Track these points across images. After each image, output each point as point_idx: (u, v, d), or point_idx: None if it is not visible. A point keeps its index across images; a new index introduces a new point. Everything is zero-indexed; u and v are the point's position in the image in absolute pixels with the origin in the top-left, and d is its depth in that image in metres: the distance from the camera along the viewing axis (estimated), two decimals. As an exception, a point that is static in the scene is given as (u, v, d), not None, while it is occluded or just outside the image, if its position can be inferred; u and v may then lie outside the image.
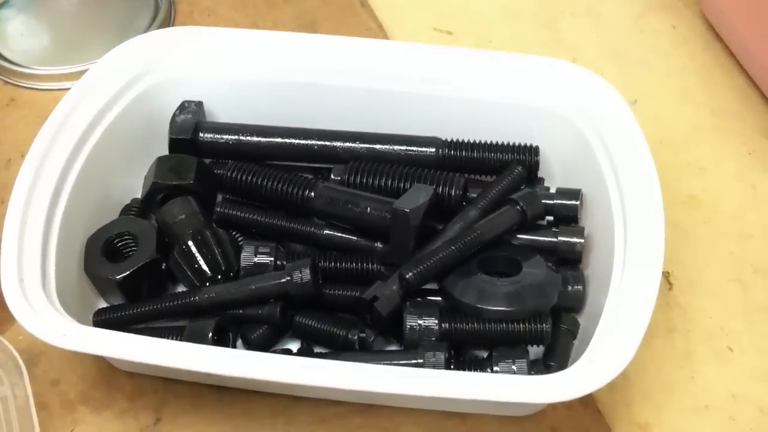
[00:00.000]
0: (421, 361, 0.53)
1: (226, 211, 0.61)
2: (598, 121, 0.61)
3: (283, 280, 0.56)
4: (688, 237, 0.66)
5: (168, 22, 0.79)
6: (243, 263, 0.58)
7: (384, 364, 0.51)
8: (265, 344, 0.57)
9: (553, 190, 0.63)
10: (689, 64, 0.77)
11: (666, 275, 0.64)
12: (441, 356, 0.53)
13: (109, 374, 0.58)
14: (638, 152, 0.58)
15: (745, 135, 0.72)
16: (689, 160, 0.71)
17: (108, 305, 0.59)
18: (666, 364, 0.60)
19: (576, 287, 0.58)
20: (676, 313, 0.62)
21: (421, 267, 0.55)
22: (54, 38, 0.79)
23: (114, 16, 0.80)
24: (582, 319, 0.58)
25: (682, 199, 0.68)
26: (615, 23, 0.81)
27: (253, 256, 0.58)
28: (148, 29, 0.77)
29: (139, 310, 0.57)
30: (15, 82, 0.75)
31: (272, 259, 0.58)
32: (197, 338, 0.54)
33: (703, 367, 0.60)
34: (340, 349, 0.57)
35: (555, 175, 0.65)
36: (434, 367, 0.52)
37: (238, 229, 0.62)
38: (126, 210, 0.63)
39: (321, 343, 0.58)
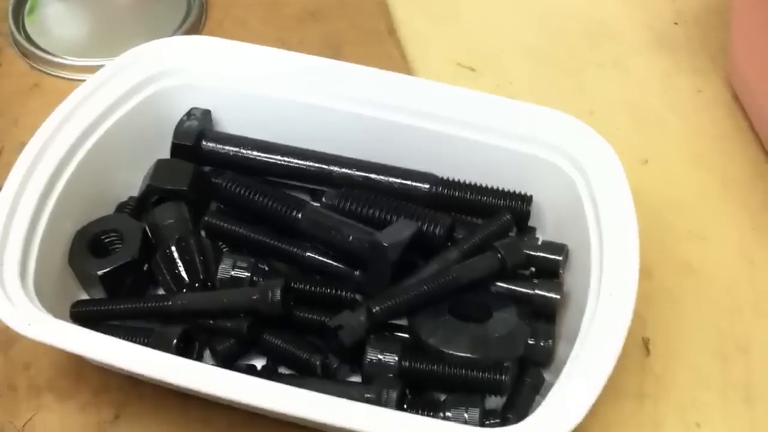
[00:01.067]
0: (373, 396, 0.53)
1: (213, 221, 0.63)
2: (593, 179, 0.60)
3: (254, 297, 0.56)
4: (675, 304, 0.65)
5: (197, 28, 0.81)
6: (220, 275, 0.59)
7: (337, 394, 0.51)
8: (231, 357, 0.58)
9: (540, 242, 0.62)
10: (708, 130, 0.76)
11: (645, 341, 0.63)
12: (393, 394, 0.53)
13: (79, 366, 0.60)
14: (625, 218, 0.57)
15: (752, 209, 0.71)
16: (691, 227, 0.70)
17: (87, 298, 0.61)
18: (632, 429, 0.59)
19: (546, 342, 0.58)
20: (649, 379, 0.62)
21: (390, 302, 0.56)
22: (84, 31, 0.81)
23: (146, 16, 0.82)
24: (549, 375, 0.58)
25: (676, 266, 0.67)
26: (640, 79, 0.80)
27: (230, 269, 0.59)
28: (175, 33, 0.79)
29: (114, 307, 0.59)
30: (41, 68, 0.78)
31: (249, 274, 0.59)
32: (162, 344, 0.55)
33: (668, 440, 0.59)
34: (302, 372, 0.57)
35: (547, 226, 0.65)
36: (386, 403, 0.52)
37: (224, 241, 0.63)
38: (121, 207, 0.65)
39: (285, 364, 0.58)
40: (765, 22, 0.69)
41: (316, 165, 0.65)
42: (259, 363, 0.59)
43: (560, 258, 0.60)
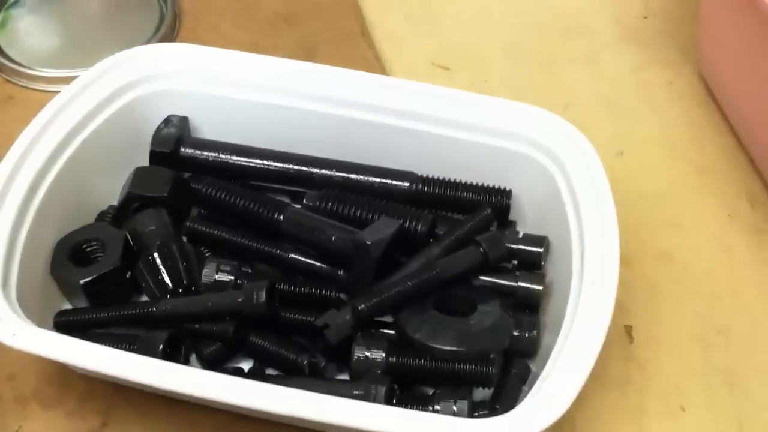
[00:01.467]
0: (362, 392, 0.53)
1: (195, 226, 0.63)
2: (571, 171, 0.61)
3: (239, 299, 0.56)
4: (656, 292, 0.66)
5: (171, 35, 0.81)
6: (203, 279, 0.59)
7: (326, 392, 0.51)
8: (217, 361, 0.58)
9: (521, 235, 0.63)
10: (681, 120, 0.77)
11: (628, 329, 0.64)
12: (382, 389, 0.53)
13: (64, 374, 0.60)
14: (603, 207, 0.58)
15: (728, 196, 0.72)
16: (668, 216, 0.71)
17: (71, 308, 0.61)
18: (617, 417, 0.60)
19: (531, 333, 0.58)
20: (633, 367, 0.62)
21: (375, 300, 0.56)
22: (58, 42, 0.81)
23: (119, 25, 0.82)
24: (535, 366, 0.59)
25: (655, 254, 0.68)
26: (612, 73, 0.81)
27: (213, 273, 0.59)
28: (150, 41, 0.79)
29: (97, 315, 0.59)
30: (15, 81, 0.77)
31: (232, 277, 0.59)
32: (149, 350, 0.55)
33: (654, 424, 0.60)
34: (290, 372, 0.57)
35: (527, 219, 0.65)
36: (374, 399, 0.53)
37: (207, 245, 0.63)
38: (101, 216, 0.65)
39: (272, 365, 0.59)
40: (733, 13, 0.70)
41: (296, 167, 0.65)
42: (246, 365, 0.59)
43: (541, 250, 0.60)
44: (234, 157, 0.65)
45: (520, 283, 0.60)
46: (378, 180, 0.65)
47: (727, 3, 0.71)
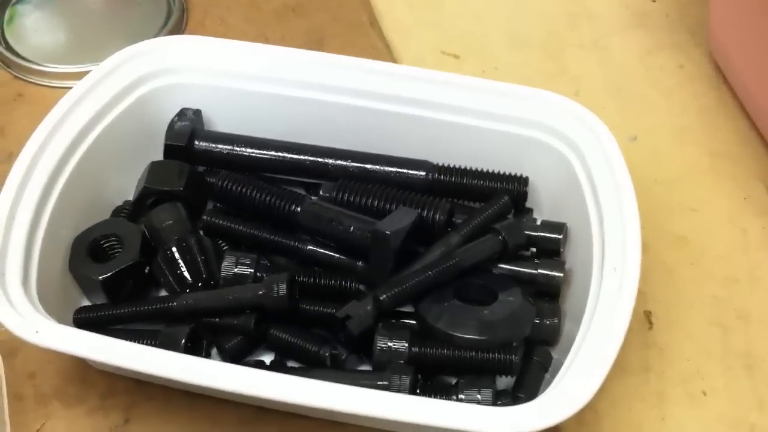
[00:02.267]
0: (387, 383, 0.53)
1: (213, 220, 0.62)
2: (587, 156, 0.61)
3: (260, 292, 0.56)
4: (673, 277, 0.66)
5: (179, 28, 0.81)
6: (223, 273, 0.59)
7: (350, 383, 0.51)
8: (239, 354, 0.58)
9: (539, 222, 0.63)
10: (692, 104, 0.77)
11: (647, 314, 0.64)
12: (407, 380, 0.53)
13: (84, 371, 0.59)
14: (622, 191, 0.58)
15: (742, 179, 0.72)
16: (682, 200, 0.71)
17: (90, 304, 0.60)
18: (638, 403, 0.60)
19: (552, 321, 0.58)
20: (653, 352, 0.62)
21: (396, 289, 0.56)
22: (66, 37, 0.80)
23: (127, 20, 0.81)
24: (557, 353, 0.58)
25: (671, 239, 0.68)
26: (621, 58, 0.81)
27: (233, 266, 0.59)
28: (158, 34, 0.79)
29: (117, 311, 0.58)
30: (24, 78, 0.77)
31: (252, 270, 0.59)
32: (170, 344, 0.55)
33: (675, 409, 0.60)
34: (312, 365, 0.57)
35: (543, 206, 0.65)
36: (399, 389, 0.53)
37: (224, 239, 0.63)
38: (117, 212, 0.64)
39: (294, 358, 0.59)
40: (744, -5, 0.70)
41: (311, 158, 0.65)
42: (267, 359, 0.59)
43: (560, 236, 0.60)
44: (248, 150, 0.65)
45: (540, 271, 0.59)
46: (394, 170, 0.64)
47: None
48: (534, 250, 0.62)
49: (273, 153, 0.65)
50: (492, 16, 0.84)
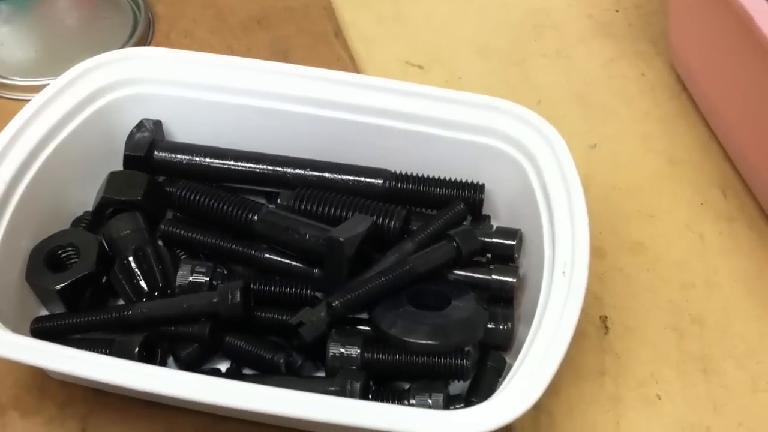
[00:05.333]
0: (338, 388, 0.53)
1: (170, 229, 0.63)
2: (542, 164, 0.61)
3: (214, 300, 0.57)
4: (630, 283, 0.67)
5: (145, 41, 0.82)
6: (178, 281, 0.59)
7: (302, 389, 0.52)
8: (195, 362, 0.58)
9: (495, 229, 0.63)
10: (653, 112, 0.78)
11: (603, 319, 0.65)
12: (357, 385, 0.53)
13: (42, 381, 0.60)
14: (573, 198, 0.58)
15: (700, 185, 0.72)
16: (641, 207, 0.71)
17: (47, 314, 0.61)
18: (593, 407, 0.60)
19: (505, 326, 0.59)
20: (609, 357, 0.63)
21: (349, 296, 0.56)
22: (32, 51, 0.81)
23: (93, 33, 0.82)
24: (511, 358, 0.59)
25: (628, 245, 0.69)
26: (584, 67, 0.81)
27: (188, 274, 0.59)
28: (124, 47, 0.79)
29: (74, 320, 0.59)
30: (-9, 91, 0.78)
31: (207, 279, 0.59)
32: (124, 353, 0.55)
33: (630, 413, 0.60)
34: (267, 372, 0.58)
35: (501, 213, 0.66)
36: (350, 395, 0.53)
37: (182, 248, 0.64)
38: (77, 222, 0.65)
39: (249, 365, 0.59)
40: (700, 4, 0.71)
41: (270, 168, 0.65)
42: (223, 366, 0.59)
43: (514, 242, 0.61)
44: (207, 160, 0.66)
45: (494, 276, 0.60)
46: (352, 178, 0.65)
47: (693, -6, 0.72)
48: (489, 256, 0.62)
49: (232, 162, 0.66)
50: (457, 27, 0.85)
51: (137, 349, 0.55)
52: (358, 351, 0.55)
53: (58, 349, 0.53)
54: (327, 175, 0.65)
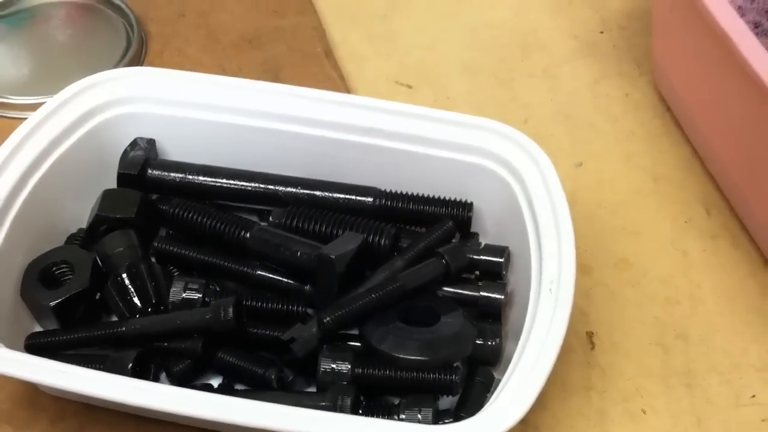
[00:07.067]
0: (329, 403, 0.54)
1: (163, 246, 0.64)
2: (528, 183, 0.63)
3: (207, 316, 0.58)
4: (616, 299, 0.68)
5: (138, 60, 0.83)
6: (171, 298, 0.60)
7: (292, 404, 0.52)
8: (187, 378, 0.59)
9: (483, 246, 0.64)
10: (638, 131, 0.79)
11: (589, 335, 0.66)
12: (348, 400, 0.54)
13: (35, 396, 0.60)
14: (559, 216, 0.59)
15: (684, 203, 0.74)
16: (626, 224, 0.73)
17: (41, 330, 0.61)
18: (579, 421, 0.61)
19: (494, 341, 0.60)
20: (595, 372, 0.64)
21: (340, 312, 0.57)
22: (25, 69, 0.82)
23: (85, 51, 0.83)
24: (499, 373, 0.60)
25: (614, 261, 0.70)
26: (570, 87, 0.83)
27: (182, 291, 0.60)
28: (117, 66, 0.80)
29: (68, 336, 0.59)
30: (-15, 109, 0.79)
31: (200, 295, 0.60)
32: (118, 368, 0.56)
33: (615, 427, 0.61)
34: (258, 387, 0.59)
35: (489, 231, 0.67)
36: (340, 410, 0.54)
37: (175, 265, 0.64)
38: (71, 239, 0.66)
39: (241, 380, 0.60)
40: (682, 26, 0.73)
41: (262, 186, 0.67)
42: (216, 382, 0.60)
43: (502, 260, 0.62)
44: (200, 178, 0.67)
45: (482, 293, 0.61)
46: (342, 196, 0.66)
47: (676, 16, 0.73)
48: (478, 273, 0.63)
49: (224, 181, 0.67)
50: (445, 47, 0.86)
51: (131, 364, 0.56)
52: (349, 366, 0.56)
53: (51, 364, 0.53)
54: (318, 193, 0.66)
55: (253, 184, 0.67)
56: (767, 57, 0.61)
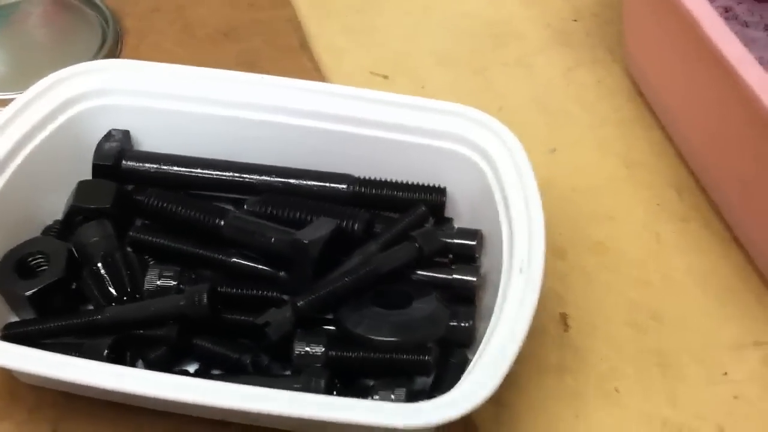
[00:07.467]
0: (301, 385, 0.55)
1: (139, 235, 0.64)
2: (500, 168, 0.63)
3: (181, 303, 0.58)
4: (591, 281, 0.69)
5: (114, 54, 0.83)
6: (146, 286, 0.60)
7: (267, 386, 0.53)
8: (164, 365, 0.59)
9: (456, 229, 0.65)
10: (611, 116, 0.80)
11: (564, 317, 0.66)
12: (321, 381, 0.55)
13: (12, 386, 0.61)
14: (530, 200, 0.60)
15: (656, 186, 0.75)
16: (600, 208, 0.73)
17: (18, 320, 0.62)
18: (554, 402, 0.62)
19: (467, 323, 0.60)
20: (569, 353, 0.65)
21: (313, 296, 0.58)
22: (2, 66, 0.82)
23: (60, 47, 0.84)
24: (472, 354, 0.60)
25: (589, 245, 0.71)
26: (544, 75, 0.84)
27: (156, 279, 0.60)
28: (92, 60, 0.80)
29: (44, 326, 0.60)
30: (-40, 105, 0.79)
31: (175, 282, 0.60)
32: (93, 355, 0.56)
33: (589, 407, 0.62)
34: (234, 372, 0.59)
35: (463, 216, 0.67)
36: (314, 391, 0.54)
37: (151, 254, 0.65)
38: (47, 231, 0.66)
39: (217, 366, 0.60)
40: (652, 11, 0.74)
41: (237, 175, 0.67)
42: (192, 368, 0.60)
43: (474, 243, 0.63)
44: (175, 168, 0.67)
45: (456, 276, 0.62)
46: (317, 183, 0.67)
47: (646, 2, 0.74)
48: (451, 256, 0.64)
49: (199, 170, 0.67)
50: (420, 38, 0.87)
51: (106, 351, 0.56)
52: (323, 349, 0.57)
53: (27, 351, 0.54)
54: (293, 181, 0.67)
55: (228, 174, 0.67)
56: (735, 41, 0.62)
